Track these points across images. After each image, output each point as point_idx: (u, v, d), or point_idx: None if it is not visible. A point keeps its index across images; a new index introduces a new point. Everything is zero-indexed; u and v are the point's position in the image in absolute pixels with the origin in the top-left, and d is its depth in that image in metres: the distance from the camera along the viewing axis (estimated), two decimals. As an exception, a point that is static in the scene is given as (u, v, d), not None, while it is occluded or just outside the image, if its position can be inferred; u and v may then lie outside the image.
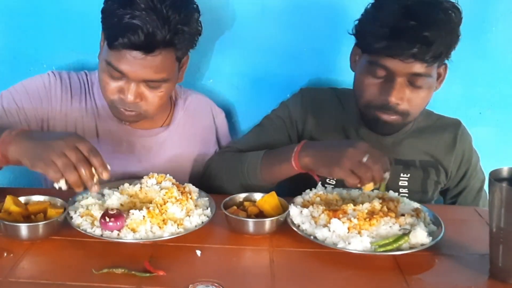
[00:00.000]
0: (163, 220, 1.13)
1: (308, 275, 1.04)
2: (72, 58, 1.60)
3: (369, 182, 1.16)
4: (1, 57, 1.62)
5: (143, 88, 1.31)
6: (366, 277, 1.05)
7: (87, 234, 1.09)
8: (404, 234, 1.11)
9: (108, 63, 1.27)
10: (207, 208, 1.23)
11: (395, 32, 1.22)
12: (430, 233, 1.14)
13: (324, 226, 1.14)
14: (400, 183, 1.46)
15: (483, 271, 1.07)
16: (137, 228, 1.11)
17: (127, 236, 1.10)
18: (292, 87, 1.60)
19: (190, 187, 1.28)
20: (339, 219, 1.13)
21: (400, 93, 1.28)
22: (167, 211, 1.16)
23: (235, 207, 1.22)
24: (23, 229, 1.08)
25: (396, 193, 1.29)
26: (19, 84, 1.41)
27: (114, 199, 1.19)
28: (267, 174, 1.33)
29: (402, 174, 1.46)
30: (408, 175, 1.47)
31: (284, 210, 1.20)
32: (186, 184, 1.29)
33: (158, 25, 1.21)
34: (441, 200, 1.60)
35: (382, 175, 1.17)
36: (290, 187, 1.35)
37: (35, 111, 1.39)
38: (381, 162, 1.17)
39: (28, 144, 1.10)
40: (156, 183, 1.26)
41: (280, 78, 1.67)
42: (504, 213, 0.99)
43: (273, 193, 1.23)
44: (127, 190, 1.25)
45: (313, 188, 1.31)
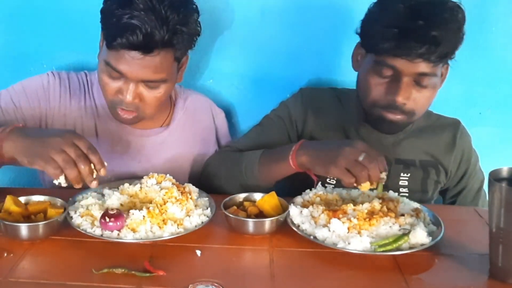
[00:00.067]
0: (163, 220, 1.14)
1: (308, 275, 1.04)
2: (72, 58, 1.60)
3: (365, 181, 1.15)
4: (1, 57, 1.62)
5: (142, 88, 1.30)
6: (366, 277, 1.05)
7: (87, 234, 1.10)
8: (404, 234, 1.11)
9: (107, 63, 1.27)
10: (207, 208, 1.23)
11: (403, 32, 1.22)
12: (430, 233, 1.14)
13: (324, 226, 1.14)
14: (400, 183, 1.46)
15: (483, 271, 1.07)
16: (137, 228, 1.11)
17: (127, 236, 1.10)
18: (292, 87, 1.60)
19: (190, 187, 1.28)
20: (339, 219, 1.13)
21: (406, 92, 1.28)
22: (167, 211, 1.16)
23: (235, 207, 1.22)
24: (23, 229, 1.08)
25: (396, 192, 1.29)
26: (18, 83, 1.41)
27: (114, 199, 1.20)
28: (265, 173, 1.33)
29: (402, 174, 1.46)
30: (408, 174, 1.47)
31: (284, 210, 1.20)
32: (186, 184, 1.29)
33: (156, 25, 1.21)
34: (440, 200, 1.60)
35: (379, 175, 1.16)
36: (290, 187, 1.35)
37: (33, 110, 1.39)
38: (377, 161, 1.16)
39: (24, 141, 1.11)
40: (156, 183, 1.26)
41: (280, 78, 1.67)
42: (504, 213, 0.99)
43: (273, 193, 1.23)
44: (127, 190, 1.25)
45: (313, 188, 1.31)
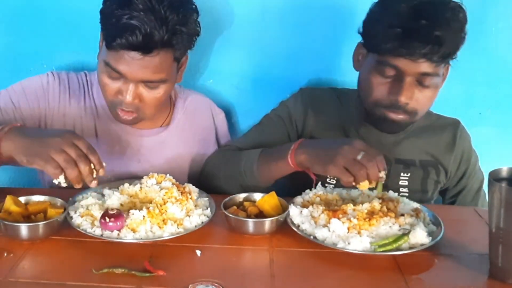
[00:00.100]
0: (163, 220, 1.14)
1: (308, 275, 1.04)
2: (72, 59, 1.60)
3: (363, 180, 1.15)
4: (1, 57, 1.62)
5: (141, 88, 1.30)
6: (365, 277, 1.05)
7: (87, 234, 1.10)
8: (404, 234, 1.11)
9: (106, 63, 1.27)
10: (207, 208, 1.23)
11: (407, 32, 1.22)
12: (430, 233, 1.14)
13: (324, 226, 1.14)
14: (400, 183, 1.46)
15: (483, 271, 1.07)
16: (137, 228, 1.11)
17: (127, 236, 1.10)
18: (292, 87, 1.60)
19: (190, 187, 1.28)
20: (339, 219, 1.13)
21: (409, 92, 1.28)
22: (167, 211, 1.16)
23: (235, 207, 1.22)
24: (23, 229, 1.08)
25: (396, 192, 1.29)
26: (17, 84, 1.41)
27: (114, 199, 1.20)
28: (264, 172, 1.32)
29: (402, 174, 1.46)
30: (408, 174, 1.47)
31: (284, 210, 1.20)
32: (186, 184, 1.29)
33: (156, 25, 1.21)
34: (440, 200, 1.60)
35: (377, 173, 1.15)
36: (290, 187, 1.35)
37: (32, 111, 1.39)
38: (376, 160, 1.16)
39: (22, 140, 1.11)
40: (156, 183, 1.26)
41: (280, 78, 1.67)
42: (504, 213, 0.99)
43: (273, 193, 1.23)
44: (127, 190, 1.25)
45: (312, 188, 1.31)
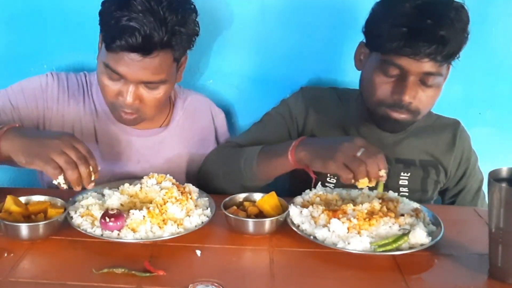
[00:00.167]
0: (163, 220, 1.14)
1: (308, 275, 1.04)
2: (72, 59, 1.61)
3: (363, 177, 1.13)
4: (2, 57, 1.62)
5: (141, 89, 1.30)
6: (365, 277, 1.05)
7: (87, 234, 1.10)
8: (404, 234, 1.11)
9: (106, 65, 1.27)
10: (207, 208, 1.23)
11: (412, 31, 1.22)
12: (430, 233, 1.15)
13: (324, 226, 1.14)
14: (400, 182, 1.46)
15: (482, 271, 1.07)
16: (137, 228, 1.11)
17: (127, 236, 1.10)
18: (292, 87, 1.60)
19: (190, 187, 1.28)
20: (338, 219, 1.13)
21: (413, 91, 1.29)
22: (167, 211, 1.16)
23: (235, 207, 1.22)
24: (24, 229, 1.08)
25: (396, 192, 1.29)
26: (17, 84, 1.41)
27: (114, 199, 1.20)
28: (263, 168, 1.32)
29: (402, 173, 1.46)
30: (408, 174, 1.47)
31: (284, 210, 1.20)
32: (186, 184, 1.29)
33: (155, 26, 1.21)
34: (439, 200, 1.60)
35: (377, 171, 1.14)
36: (290, 187, 1.35)
37: (30, 111, 1.39)
38: (376, 157, 1.15)
39: (21, 141, 1.11)
40: (156, 183, 1.26)
41: (280, 78, 1.67)
42: (503, 213, 0.99)
43: (273, 193, 1.23)
44: (127, 190, 1.25)
45: (312, 188, 1.31)
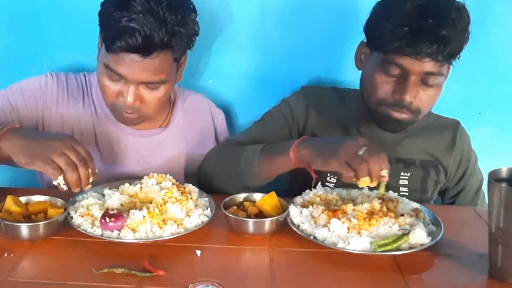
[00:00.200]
0: (163, 220, 1.14)
1: (308, 275, 1.04)
2: (72, 59, 1.61)
3: (364, 176, 1.13)
4: (2, 57, 1.62)
5: (142, 90, 1.31)
6: (365, 277, 1.05)
7: (87, 234, 1.10)
8: (404, 234, 1.11)
9: (106, 66, 1.28)
10: (207, 208, 1.23)
11: (414, 31, 1.22)
12: (430, 233, 1.15)
13: (324, 226, 1.14)
14: (401, 182, 1.47)
15: (482, 271, 1.07)
16: (137, 228, 1.11)
17: (127, 236, 1.10)
18: (292, 87, 1.60)
19: (190, 187, 1.28)
20: (338, 219, 1.13)
21: (414, 91, 1.29)
22: (167, 211, 1.16)
23: (235, 207, 1.22)
24: (24, 229, 1.08)
25: (396, 192, 1.29)
26: (16, 84, 1.41)
27: (114, 199, 1.20)
28: (265, 166, 1.31)
29: (402, 173, 1.47)
30: (409, 174, 1.47)
31: (284, 210, 1.20)
32: (186, 184, 1.29)
33: (155, 27, 1.21)
34: (439, 201, 1.60)
35: (379, 170, 1.13)
36: (290, 187, 1.35)
37: (29, 111, 1.39)
38: (378, 157, 1.14)
39: (21, 142, 1.12)
40: (156, 183, 1.26)
41: (280, 78, 1.67)
42: (503, 213, 0.99)
43: (273, 193, 1.23)
44: (127, 190, 1.25)
45: (312, 188, 1.31)
